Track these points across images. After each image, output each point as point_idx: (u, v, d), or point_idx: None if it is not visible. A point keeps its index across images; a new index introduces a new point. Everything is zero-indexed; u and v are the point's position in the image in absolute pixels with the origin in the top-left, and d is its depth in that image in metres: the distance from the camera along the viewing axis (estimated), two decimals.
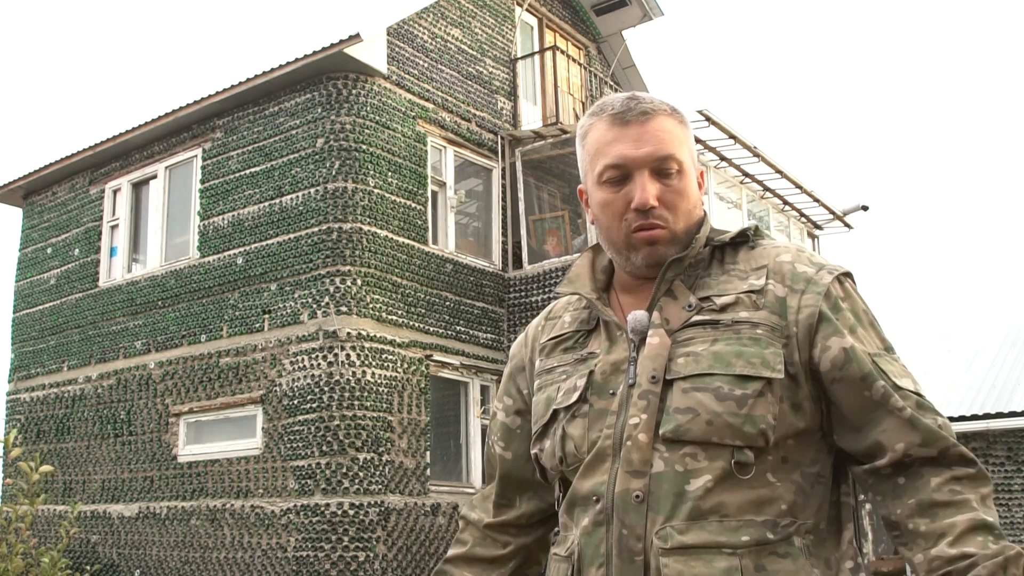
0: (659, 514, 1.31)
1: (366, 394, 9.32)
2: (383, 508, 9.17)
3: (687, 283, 1.45)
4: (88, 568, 9.56)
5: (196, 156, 11.12)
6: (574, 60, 13.33)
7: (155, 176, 11.62)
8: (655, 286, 1.45)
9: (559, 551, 1.45)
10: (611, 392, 1.41)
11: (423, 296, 10.23)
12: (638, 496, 1.32)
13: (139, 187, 11.91)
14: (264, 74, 10.14)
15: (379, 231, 9.84)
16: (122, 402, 11.13)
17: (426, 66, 10.88)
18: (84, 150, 12.01)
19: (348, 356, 9.30)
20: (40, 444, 11.80)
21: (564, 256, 11.31)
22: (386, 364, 9.58)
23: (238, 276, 10.27)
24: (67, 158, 12.23)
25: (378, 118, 10.07)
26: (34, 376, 12.39)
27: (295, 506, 9.22)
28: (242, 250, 10.30)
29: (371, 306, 9.60)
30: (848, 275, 1.45)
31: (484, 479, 1.76)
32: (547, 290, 10.96)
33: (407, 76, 10.57)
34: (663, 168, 1.45)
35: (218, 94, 10.54)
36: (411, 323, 10.00)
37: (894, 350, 1.41)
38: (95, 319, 11.74)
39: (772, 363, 1.34)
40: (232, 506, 9.75)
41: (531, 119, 12.49)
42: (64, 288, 12.27)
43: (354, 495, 9.04)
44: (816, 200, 13.81)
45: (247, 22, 17.54)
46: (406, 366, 9.80)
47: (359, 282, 9.56)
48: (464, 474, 10.50)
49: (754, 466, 1.32)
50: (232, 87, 10.41)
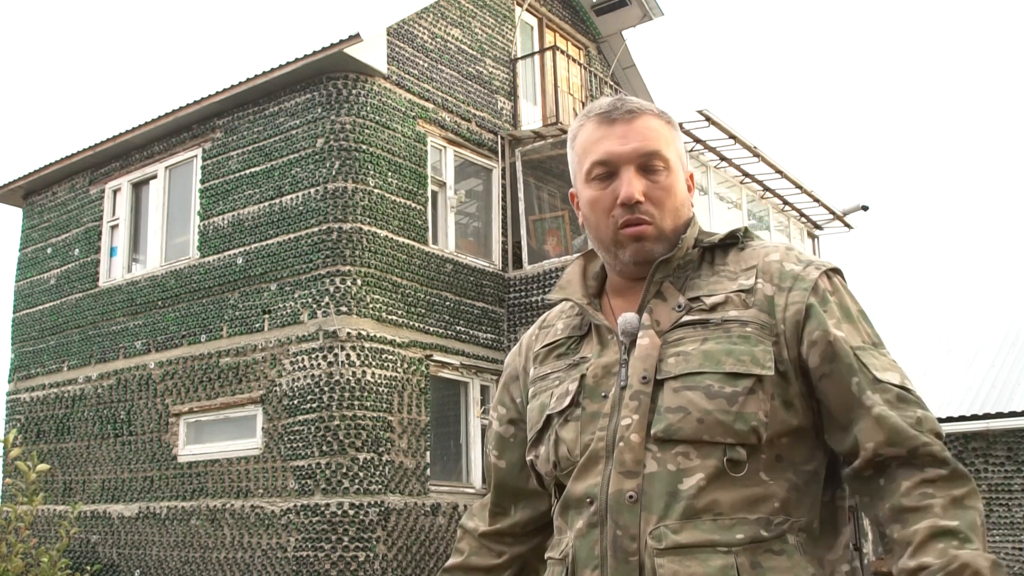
0: (652, 514, 1.31)
1: (366, 394, 9.32)
2: (383, 508, 9.17)
3: (677, 285, 1.45)
4: (88, 568, 9.56)
5: (196, 156, 11.12)
6: (574, 60, 13.32)
7: (155, 176, 11.62)
8: (644, 288, 1.45)
9: (553, 554, 1.45)
10: (603, 395, 1.41)
11: (423, 296, 10.23)
12: (631, 496, 1.32)
13: (139, 187, 11.91)
14: (264, 74, 10.14)
15: (379, 231, 9.84)
16: (122, 402, 11.14)
17: (426, 66, 10.88)
18: (84, 150, 12.01)
19: (348, 356, 9.30)
20: (40, 444, 11.80)
21: (564, 256, 11.31)
22: (386, 364, 9.58)
23: (238, 276, 10.27)
24: (67, 158, 12.23)
25: (378, 118, 10.07)
26: (34, 376, 12.39)
27: (295, 506, 9.22)
28: (242, 250, 10.30)
29: (371, 306, 9.60)
30: (837, 271, 1.44)
31: (485, 484, 1.77)
32: (547, 290, 10.95)
33: (407, 76, 10.57)
34: (649, 164, 1.46)
35: (218, 94, 10.54)
36: (411, 323, 10.00)
37: (883, 345, 1.39)
38: (95, 319, 11.74)
39: (762, 360, 1.34)
40: (232, 506, 9.75)
41: (531, 119, 12.49)
42: (64, 288, 12.27)
43: (354, 495, 9.04)
44: (816, 200, 13.81)
45: (247, 22, 17.55)
46: (406, 366, 9.80)
47: (359, 282, 9.56)
48: (464, 474, 10.50)
49: (747, 464, 1.31)
50: (232, 87, 10.42)
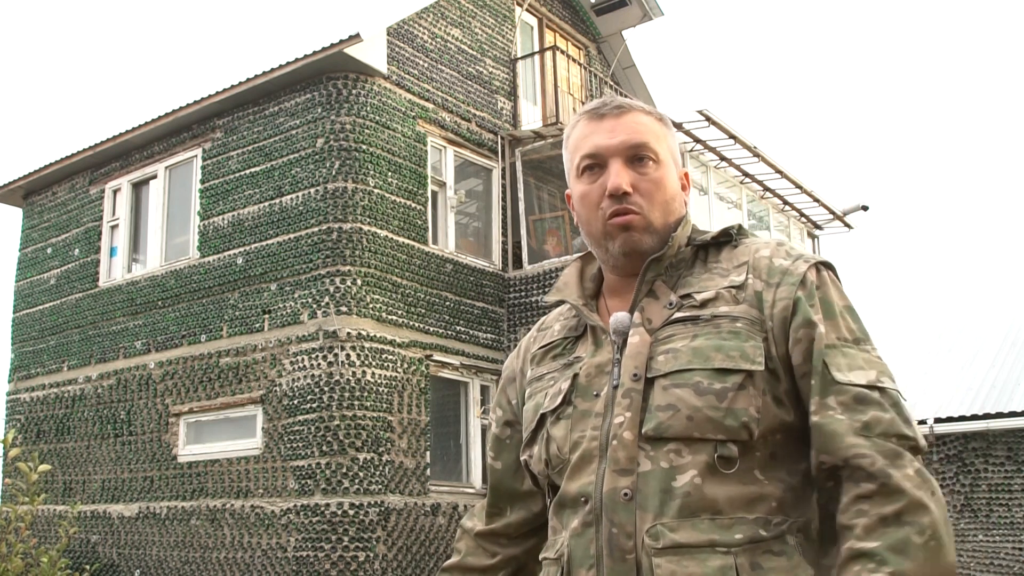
0: (648, 512, 1.30)
1: (366, 394, 9.32)
2: (383, 508, 9.17)
3: (669, 283, 1.45)
4: (88, 568, 9.56)
5: (196, 156, 11.12)
6: (574, 60, 13.32)
7: (155, 176, 11.62)
8: (636, 287, 1.45)
9: (548, 554, 1.45)
10: (595, 394, 1.41)
11: (423, 296, 10.23)
12: (626, 494, 1.31)
13: (139, 187, 11.91)
14: (264, 74, 10.14)
15: (379, 231, 9.85)
16: (122, 402, 11.14)
17: (426, 66, 10.88)
18: (84, 150, 12.01)
19: (348, 356, 9.30)
20: (40, 444, 11.80)
21: (564, 256, 11.32)
22: (386, 364, 9.58)
23: (238, 276, 10.28)
24: (67, 158, 12.23)
25: (378, 118, 10.07)
26: (34, 376, 12.39)
27: (295, 506, 9.22)
28: (242, 250, 10.31)
29: (371, 306, 9.60)
30: (826, 264, 1.43)
31: (485, 484, 1.79)
32: (547, 290, 10.95)
33: (407, 76, 10.57)
34: (637, 156, 1.47)
35: (218, 94, 10.55)
36: (411, 323, 10.01)
37: (866, 340, 1.37)
38: (95, 319, 11.74)
39: (752, 356, 1.33)
40: (232, 506, 9.75)
41: (531, 119, 12.49)
42: (64, 288, 12.27)
43: (354, 495, 9.05)
44: (816, 200, 13.80)
45: (247, 22, 17.54)
46: (406, 366, 9.80)
47: (359, 282, 9.56)
48: (464, 474, 10.50)
49: (738, 460, 1.30)
50: (232, 87, 10.42)
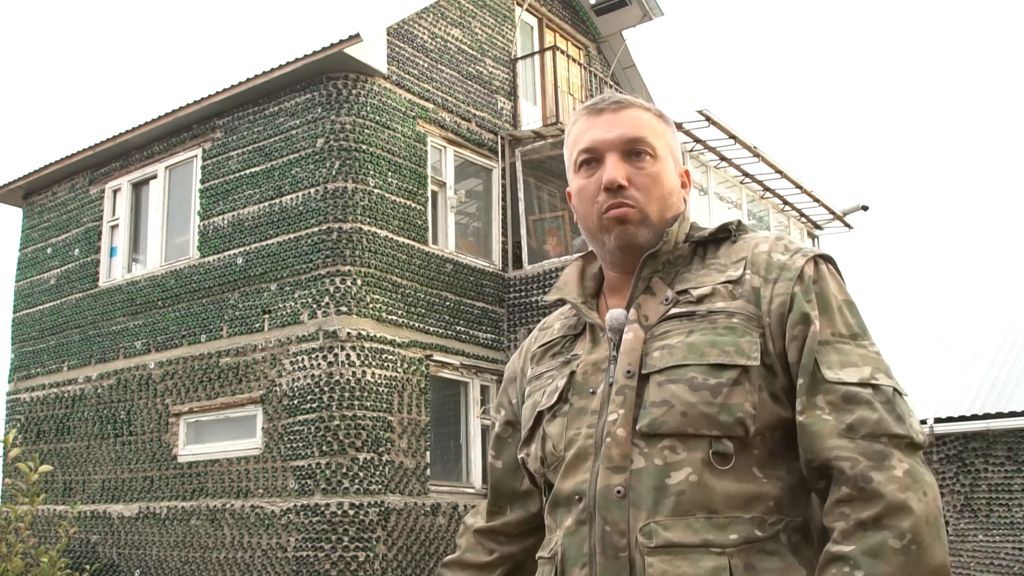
0: (641, 510, 1.29)
1: (366, 394, 9.32)
2: (383, 508, 9.17)
3: (667, 280, 1.44)
4: (88, 568, 9.56)
5: (196, 156, 11.12)
6: (574, 60, 13.32)
7: (155, 176, 11.62)
8: (632, 284, 1.45)
9: (543, 553, 1.45)
10: (591, 391, 1.41)
11: (423, 296, 10.23)
12: (619, 491, 1.31)
13: (139, 187, 11.91)
14: (264, 74, 10.14)
15: (379, 231, 9.84)
16: (122, 402, 11.14)
17: (426, 66, 10.88)
18: (84, 150, 12.01)
19: (348, 356, 9.30)
20: (40, 444, 11.80)
21: (564, 256, 11.31)
22: (386, 364, 9.58)
23: (238, 276, 10.27)
24: (67, 158, 12.23)
25: (378, 118, 10.07)
26: (34, 376, 12.39)
27: (295, 506, 9.22)
28: (242, 250, 10.30)
29: (371, 306, 9.60)
30: (825, 258, 1.41)
31: (485, 484, 1.80)
32: (547, 290, 10.95)
33: (407, 76, 10.57)
34: (634, 150, 1.47)
35: (218, 94, 10.54)
36: (411, 323, 10.00)
37: (865, 336, 1.34)
38: (95, 319, 11.74)
39: (747, 351, 1.31)
40: (232, 506, 9.75)
41: (531, 119, 12.49)
42: (64, 288, 12.27)
43: (354, 495, 9.04)
44: (816, 200, 13.80)
45: (247, 22, 17.55)
46: (406, 366, 9.80)
47: (359, 282, 9.56)
48: (464, 474, 10.50)
49: (735, 457, 1.29)
50: (232, 87, 10.42)
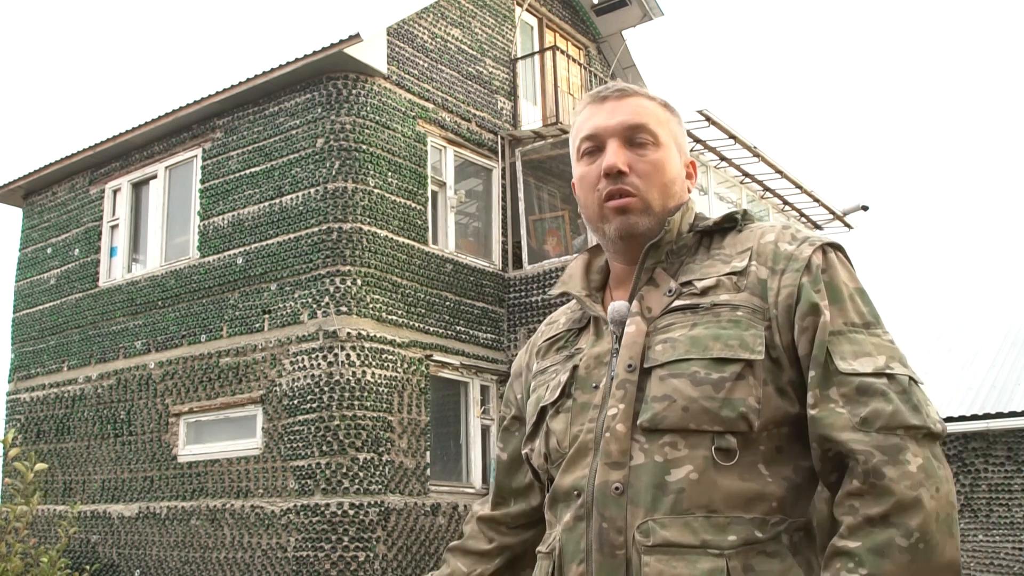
0: (639, 507, 1.26)
1: (366, 394, 9.32)
2: (383, 508, 9.17)
3: (671, 271, 1.42)
4: (88, 568, 9.56)
5: (196, 156, 11.11)
6: (574, 60, 13.32)
7: (155, 176, 11.62)
8: (635, 275, 1.43)
9: (542, 548, 1.44)
10: (594, 385, 1.39)
11: (423, 296, 10.23)
12: (617, 488, 1.28)
13: (139, 187, 11.91)
14: (264, 74, 10.14)
15: (379, 231, 9.84)
16: (122, 402, 11.13)
17: (426, 66, 10.88)
18: (84, 150, 12.01)
19: (348, 356, 9.30)
20: (40, 444, 11.80)
21: (564, 256, 11.31)
22: (386, 364, 9.58)
23: (238, 276, 10.27)
24: (67, 158, 12.23)
25: (378, 118, 10.07)
26: (34, 376, 12.39)
27: (295, 506, 9.22)
28: (242, 250, 10.30)
29: (371, 306, 9.60)
30: (834, 246, 1.37)
31: (485, 483, 1.80)
32: (547, 290, 10.95)
33: (407, 76, 10.57)
34: (636, 137, 1.45)
35: (218, 94, 10.54)
36: (411, 323, 10.00)
37: (878, 324, 1.31)
38: (95, 319, 11.73)
39: (751, 345, 1.28)
40: (232, 506, 9.75)
41: (531, 119, 12.49)
42: (64, 288, 12.27)
43: (354, 495, 9.04)
44: (816, 200, 13.81)
45: (247, 22, 17.55)
46: (406, 366, 9.80)
47: (359, 282, 9.56)
48: (464, 474, 10.49)
49: (739, 453, 1.26)
50: (232, 87, 10.41)
